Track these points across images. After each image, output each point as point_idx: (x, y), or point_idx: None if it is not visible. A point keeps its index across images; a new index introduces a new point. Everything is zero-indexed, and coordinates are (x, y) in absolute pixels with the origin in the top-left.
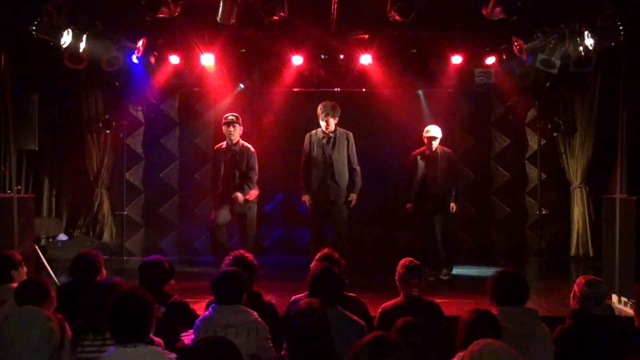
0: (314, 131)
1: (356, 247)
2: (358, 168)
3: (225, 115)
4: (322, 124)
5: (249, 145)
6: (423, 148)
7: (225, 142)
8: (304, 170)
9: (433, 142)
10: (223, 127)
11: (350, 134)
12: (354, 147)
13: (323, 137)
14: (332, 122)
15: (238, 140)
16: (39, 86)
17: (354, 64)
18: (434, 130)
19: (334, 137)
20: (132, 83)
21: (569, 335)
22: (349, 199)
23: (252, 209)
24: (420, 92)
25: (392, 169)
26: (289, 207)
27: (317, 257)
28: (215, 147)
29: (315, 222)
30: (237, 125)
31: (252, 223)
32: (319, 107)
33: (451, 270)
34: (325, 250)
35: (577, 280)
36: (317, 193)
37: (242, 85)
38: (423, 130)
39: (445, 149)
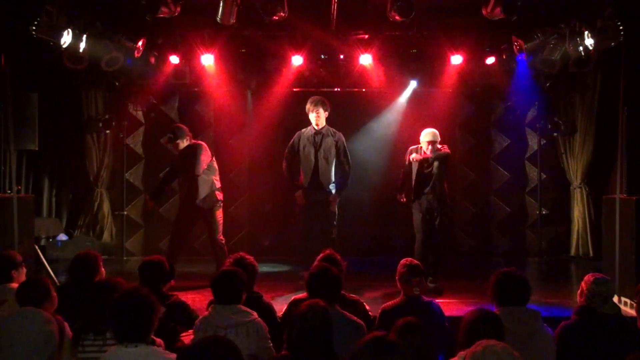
0: (304, 129)
1: (355, 247)
2: (348, 168)
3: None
4: (313, 116)
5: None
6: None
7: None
8: (290, 168)
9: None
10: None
11: (341, 136)
12: (345, 149)
13: (313, 134)
14: (323, 114)
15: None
16: (39, 86)
17: (354, 64)
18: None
19: (323, 135)
20: (132, 83)
21: (574, 332)
22: (330, 198)
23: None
24: (414, 82)
25: (391, 168)
26: (288, 207)
27: (318, 257)
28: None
29: (304, 221)
30: None
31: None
32: (308, 102)
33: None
34: (327, 251)
35: (586, 278)
36: (306, 192)
37: (250, 92)
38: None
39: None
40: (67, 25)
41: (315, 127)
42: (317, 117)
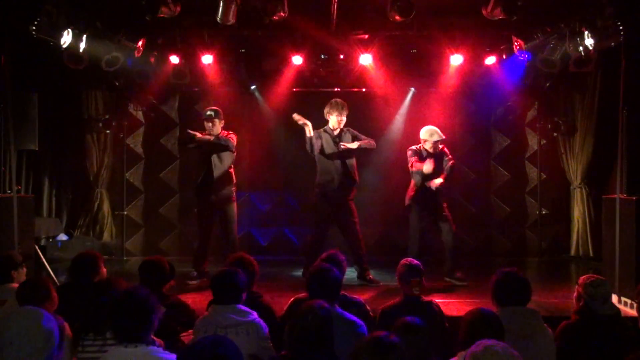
0: (321, 129)
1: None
2: (372, 141)
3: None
4: (336, 119)
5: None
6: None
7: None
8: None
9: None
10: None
11: (350, 129)
12: (358, 134)
13: (333, 137)
14: (345, 117)
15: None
16: (39, 86)
17: (354, 64)
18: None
19: (341, 137)
20: (132, 83)
21: (574, 332)
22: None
23: (231, 206)
24: (412, 90)
25: (392, 169)
26: (288, 207)
27: (322, 257)
28: None
29: (320, 219)
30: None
31: (233, 221)
32: (332, 104)
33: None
34: (331, 251)
35: (580, 281)
36: (326, 191)
37: (253, 87)
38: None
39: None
40: (67, 25)
41: (334, 130)
42: (340, 122)
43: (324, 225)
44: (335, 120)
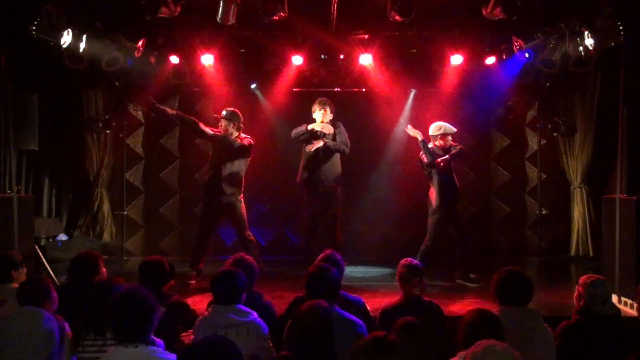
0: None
1: (357, 246)
2: (347, 148)
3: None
4: (319, 114)
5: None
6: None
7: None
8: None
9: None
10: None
11: (339, 123)
12: (344, 132)
13: (318, 131)
14: (329, 113)
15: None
16: (39, 86)
17: (354, 64)
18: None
19: (325, 133)
20: (132, 83)
21: (574, 332)
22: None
23: (238, 207)
24: (413, 91)
25: (393, 168)
26: (287, 207)
27: (319, 257)
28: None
29: (308, 217)
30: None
31: (243, 221)
32: (315, 103)
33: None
34: (328, 251)
35: (580, 281)
36: (310, 186)
37: (254, 85)
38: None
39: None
40: (67, 25)
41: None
42: (324, 115)
43: (310, 221)
44: (318, 114)
